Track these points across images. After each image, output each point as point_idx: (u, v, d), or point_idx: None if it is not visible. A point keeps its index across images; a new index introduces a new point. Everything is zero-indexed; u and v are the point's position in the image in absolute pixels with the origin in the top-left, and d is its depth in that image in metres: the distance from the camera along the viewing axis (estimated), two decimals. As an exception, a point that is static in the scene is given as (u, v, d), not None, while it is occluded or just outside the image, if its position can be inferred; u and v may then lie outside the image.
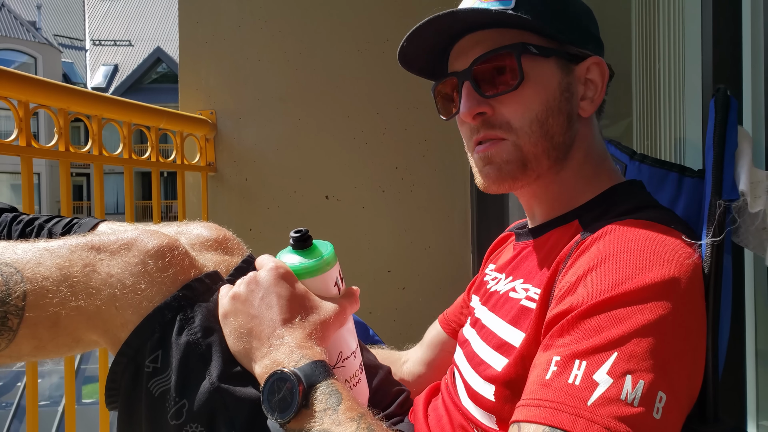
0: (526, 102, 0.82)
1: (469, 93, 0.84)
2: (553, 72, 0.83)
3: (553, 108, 0.82)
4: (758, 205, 0.74)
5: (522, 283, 0.84)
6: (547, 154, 0.83)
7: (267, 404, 0.68)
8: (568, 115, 0.83)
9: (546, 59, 0.82)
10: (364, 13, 2.23)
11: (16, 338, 0.74)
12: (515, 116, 0.82)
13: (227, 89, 2.25)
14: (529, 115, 0.82)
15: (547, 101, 0.82)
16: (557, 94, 0.83)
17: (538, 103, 0.82)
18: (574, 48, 0.84)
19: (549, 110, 0.82)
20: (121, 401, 0.77)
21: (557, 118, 0.82)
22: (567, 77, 0.84)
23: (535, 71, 0.82)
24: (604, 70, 0.85)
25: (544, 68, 0.82)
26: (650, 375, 0.59)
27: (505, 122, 0.83)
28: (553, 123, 0.82)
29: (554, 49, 0.82)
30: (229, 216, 2.23)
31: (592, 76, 0.85)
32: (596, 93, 0.85)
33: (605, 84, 0.85)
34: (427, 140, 2.23)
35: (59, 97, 1.47)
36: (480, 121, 0.84)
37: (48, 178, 21.20)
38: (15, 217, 1.04)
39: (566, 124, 0.83)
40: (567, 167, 0.85)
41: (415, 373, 1.15)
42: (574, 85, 0.84)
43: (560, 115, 0.83)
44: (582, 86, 0.84)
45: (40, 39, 24.31)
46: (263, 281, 0.77)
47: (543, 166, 0.84)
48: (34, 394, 1.33)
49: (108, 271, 0.77)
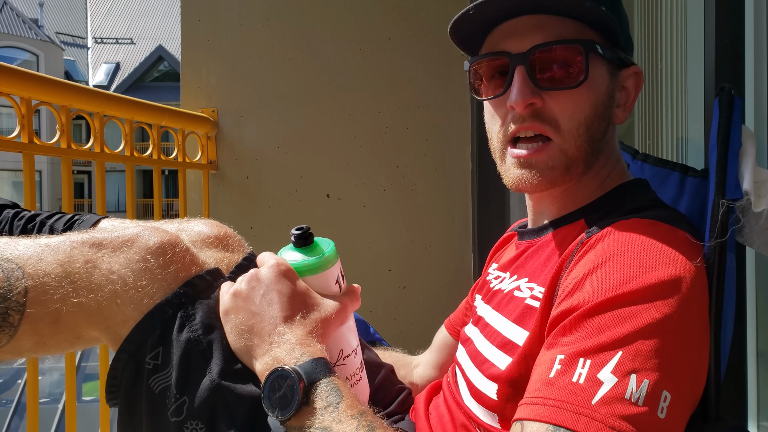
0: (578, 102, 0.79)
1: (525, 80, 0.78)
2: (604, 76, 0.81)
3: (600, 113, 0.80)
4: (762, 205, 0.74)
5: (527, 282, 0.84)
6: (586, 159, 0.81)
7: (267, 401, 0.68)
8: (608, 120, 0.82)
9: (604, 62, 0.80)
10: (366, 12, 2.23)
11: (17, 334, 0.74)
12: (564, 115, 0.79)
13: (229, 87, 2.25)
14: (578, 117, 0.79)
15: (596, 105, 0.80)
16: (605, 99, 0.81)
17: (588, 105, 0.79)
18: (623, 53, 0.83)
19: (596, 114, 0.80)
20: (122, 398, 0.77)
21: (600, 123, 0.81)
22: (612, 83, 0.82)
23: (594, 72, 0.79)
24: (640, 80, 0.84)
25: (600, 70, 0.80)
26: (655, 374, 0.59)
27: (554, 119, 0.79)
28: (597, 128, 0.80)
29: (612, 52, 0.80)
30: (230, 214, 2.22)
31: (628, 84, 0.84)
32: (628, 101, 0.85)
33: (637, 93, 0.85)
34: (428, 139, 2.22)
35: (61, 94, 1.47)
36: (530, 112, 0.79)
37: (49, 175, 21.21)
38: (16, 214, 1.04)
39: (605, 130, 0.82)
40: (591, 170, 0.84)
41: (426, 377, 1.15)
42: (616, 91, 0.83)
43: (603, 120, 0.81)
44: (619, 93, 0.84)
45: (42, 37, 24.32)
46: (264, 278, 0.77)
47: (581, 170, 0.82)
48: (35, 392, 1.33)
49: (109, 268, 0.77)
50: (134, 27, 30.28)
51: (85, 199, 24.27)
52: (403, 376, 1.16)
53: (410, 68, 2.21)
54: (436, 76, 2.18)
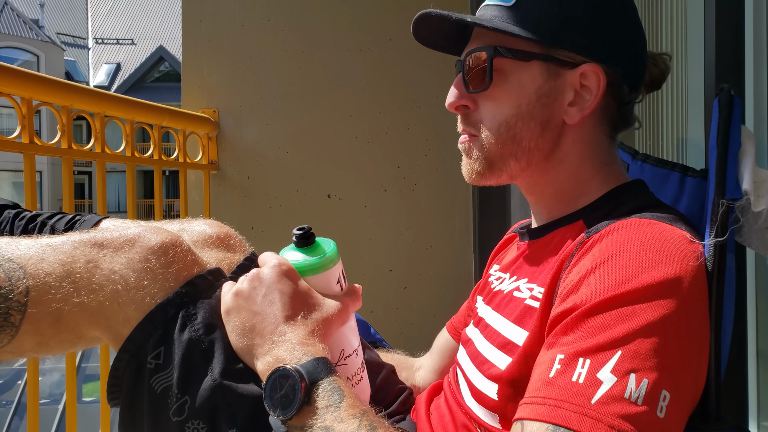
0: (498, 104, 0.83)
1: (457, 84, 0.86)
2: (532, 77, 0.81)
3: (524, 113, 0.81)
4: (761, 205, 0.74)
5: (526, 283, 0.84)
6: (515, 158, 0.83)
7: (269, 401, 0.68)
8: (542, 121, 0.81)
9: (525, 63, 0.81)
10: (367, 12, 2.23)
11: (19, 334, 0.75)
12: (487, 116, 0.84)
13: (230, 87, 2.25)
14: (499, 118, 0.82)
15: (519, 106, 0.81)
16: (532, 100, 0.81)
17: (508, 106, 0.82)
18: (566, 53, 0.81)
19: (519, 115, 0.81)
20: (123, 398, 0.77)
21: (527, 124, 0.81)
22: (551, 82, 0.81)
23: (513, 74, 0.81)
24: (600, 77, 0.80)
25: (522, 72, 0.81)
26: (654, 374, 0.59)
27: (479, 120, 0.85)
28: (522, 128, 0.82)
29: (536, 53, 0.80)
30: (230, 214, 2.23)
31: (588, 82, 0.81)
32: (590, 100, 0.81)
33: (600, 92, 0.81)
34: (429, 139, 2.23)
35: (62, 95, 1.48)
36: (462, 114, 0.87)
37: (50, 176, 21.21)
38: (17, 214, 1.04)
39: (539, 130, 0.82)
40: (557, 169, 0.84)
41: (428, 380, 1.15)
42: (561, 90, 0.81)
43: (531, 120, 0.81)
44: (573, 92, 0.81)
45: (43, 37, 24.34)
46: (266, 278, 0.77)
47: (513, 167, 0.84)
48: (35, 392, 1.33)
49: (111, 268, 0.77)
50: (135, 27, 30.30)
51: (85, 199, 24.28)
52: (405, 378, 1.15)
53: (411, 68, 2.21)
54: (438, 76, 2.18)
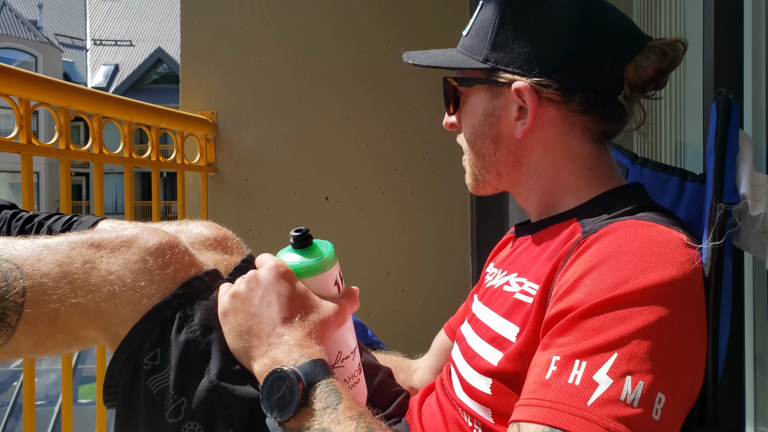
0: (464, 125, 0.92)
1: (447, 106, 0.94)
2: (480, 99, 0.88)
3: (478, 132, 0.89)
4: (759, 209, 0.75)
5: (516, 277, 0.84)
6: (486, 171, 0.91)
7: (266, 403, 0.68)
8: (493, 137, 0.88)
9: (470, 88, 0.89)
10: (366, 15, 2.24)
11: (15, 334, 0.74)
12: (464, 137, 0.92)
13: (228, 89, 2.25)
14: (466, 137, 0.91)
15: (473, 126, 0.89)
16: (481, 120, 0.88)
17: (468, 127, 0.91)
18: (501, 73, 0.84)
19: (475, 134, 0.89)
20: (119, 399, 0.77)
21: (483, 141, 0.89)
22: (494, 102, 0.87)
23: (468, 99, 0.90)
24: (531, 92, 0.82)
25: (472, 96, 0.89)
26: (650, 376, 0.59)
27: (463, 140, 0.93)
28: (481, 145, 0.89)
29: (476, 78, 0.88)
30: (228, 216, 2.22)
31: (525, 98, 0.83)
32: (530, 114, 0.83)
33: (533, 106, 0.82)
34: (428, 143, 2.23)
35: (60, 95, 1.47)
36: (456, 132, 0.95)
37: (47, 177, 21.18)
38: (14, 214, 1.04)
39: (493, 146, 0.88)
40: (533, 178, 0.88)
41: (425, 381, 1.15)
42: (504, 108, 0.86)
43: (485, 138, 0.89)
44: (516, 108, 0.84)
45: (41, 38, 24.32)
46: (263, 280, 0.77)
47: (491, 180, 0.92)
48: (31, 394, 1.32)
49: (108, 269, 0.77)
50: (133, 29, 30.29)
51: (83, 200, 24.25)
52: (403, 380, 1.16)
53: (410, 72, 2.21)
54: (436, 79, 2.17)
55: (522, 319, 0.77)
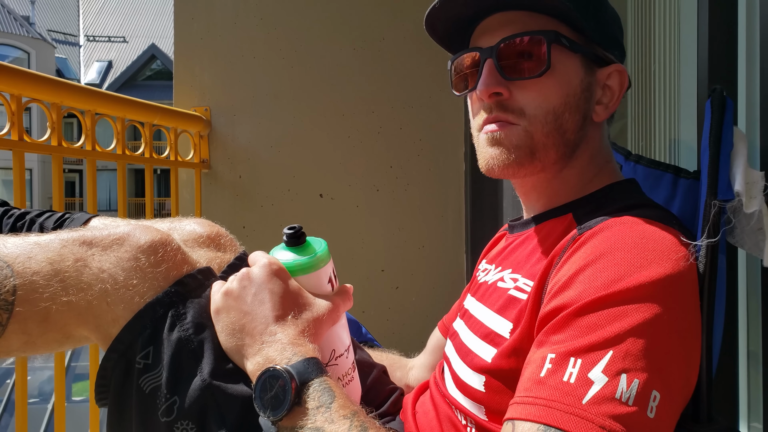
0: (545, 92, 0.81)
1: (491, 71, 0.82)
2: (577, 69, 0.82)
3: (572, 104, 0.82)
4: (753, 206, 0.74)
5: (510, 273, 0.84)
6: (556, 148, 0.82)
7: (259, 401, 0.67)
8: (583, 114, 0.83)
9: (574, 54, 0.82)
10: (360, 11, 2.23)
11: (5, 333, 0.74)
12: (532, 104, 0.81)
13: (222, 86, 2.24)
14: (546, 106, 0.81)
15: (567, 96, 0.81)
16: (578, 91, 0.82)
17: (557, 96, 0.81)
18: (601, 50, 0.84)
19: (567, 105, 0.81)
20: (112, 398, 0.76)
21: (573, 115, 0.82)
22: (588, 77, 0.84)
23: (562, 64, 0.81)
24: (624, 79, 0.85)
25: (570, 63, 0.82)
26: (645, 374, 0.59)
27: (519, 108, 0.81)
28: (569, 119, 0.82)
29: (583, 46, 0.82)
30: (222, 213, 2.22)
31: (611, 82, 0.85)
32: (612, 100, 0.85)
33: (622, 93, 0.86)
34: (422, 139, 2.22)
35: (52, 92, 1.46)
36: (495, 102, 0.82)
37: (39, 174, 21.07)
38: (6, 212, 1.03)
39: (580, 123, 0.83)
40: (571, 165, 0.86)
41: (421, 379, 1.15)
42: (594, 87, 0.84)
43: (577, 112, 0.82)
44: (600, 90, 0.85)
45: (34, 34, 24.17)
46: (256, 277, 0.77)
47: (550, 158, 0.83)
48: (24, 392, 1.32)
49: (100, 266, 0.76)
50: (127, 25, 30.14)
51: (75, 197, 24.14)
52: (399, 378, 1.15)
53: (404, 68, 2.21)
54: (430, 76, 2.18)
55: (516, 316, 0.77)
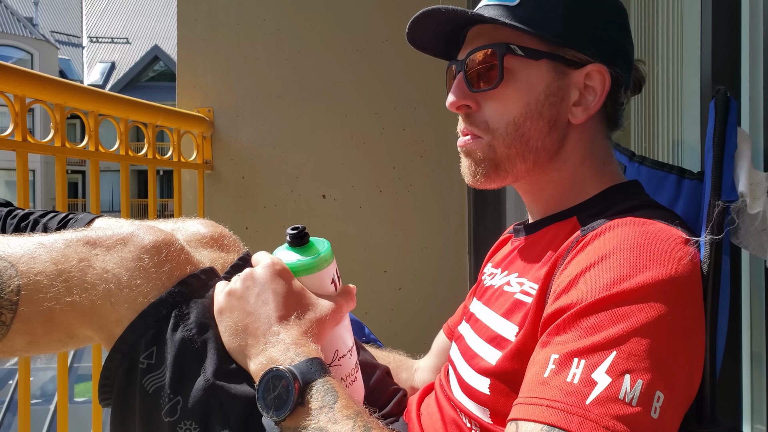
0: (505, 102, 0.82)
1: (459, 84, 0.85)
2: (541, 75, 0.81)
3: (533, 112, 0.81)
4: (757, 207, 0.74)
5: (517, 277, 0.84)
6: (522, 158, 0.83)
7: (262, 402, 0.67)
8: (550, 120, 0.82)
9: (535, 61, 0.81)
10: (363, 12, 2.23)
11: (10, 333, 0.74)
12: (494, 116, 0.83)
13: (225, 87, 2.24)
14: (507, 117, 0.82)
15: (528, 104, 0.81)
16: (541, 98, 0.81)
17: (517, 105, 0.81)
18: (573, 52, 0.81)
19: (528, 113, 0.81)
20: (115, 398, 0.77)
21: (536, 123, 0.81)
22: (558, 81, 0.81)
23: (522, 73, 0.81)
24: (605, 78, 0.82)
25: (531, 70, 0.81)
26: (648, 374, 0.59)
27: (484, 121, 0.83)
28: (531, 127, 0.81)
29: (545, 51, 0.80)
30: (225, 214, 2.22)
31: (592, 83, 0.82)
32: (595, 100, 0.82)
33: (605, 92, 0.82)
34: (425, 140, 2.22)
35: (56, 93, 1.46)
36: (464, 114, 0.86)
37: (43, 175, 21.11)
38: (10, 212, 1.03)
39: (546, 129, 0.82)
40: (559, 169, 0.84)
41: (426, 381, 1.14)
42: (566, 90, 0.82)
43: (540, 119, 0.81)
44: (578, 92, 0.82)
45: (37, 35, 24.22)
46: (259, 278, 0.77)
47: (518, 168, 0.84)
48: (26, 392, 1.32)
49: (103, 266, 0.76)
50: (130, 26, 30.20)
51: (79, 198, 24.17)
52: (405, 379, 1.15)
53: (407, 69, 2.21)
54: (433, 77, 2.18)
55: (521, 319, 0.77)
